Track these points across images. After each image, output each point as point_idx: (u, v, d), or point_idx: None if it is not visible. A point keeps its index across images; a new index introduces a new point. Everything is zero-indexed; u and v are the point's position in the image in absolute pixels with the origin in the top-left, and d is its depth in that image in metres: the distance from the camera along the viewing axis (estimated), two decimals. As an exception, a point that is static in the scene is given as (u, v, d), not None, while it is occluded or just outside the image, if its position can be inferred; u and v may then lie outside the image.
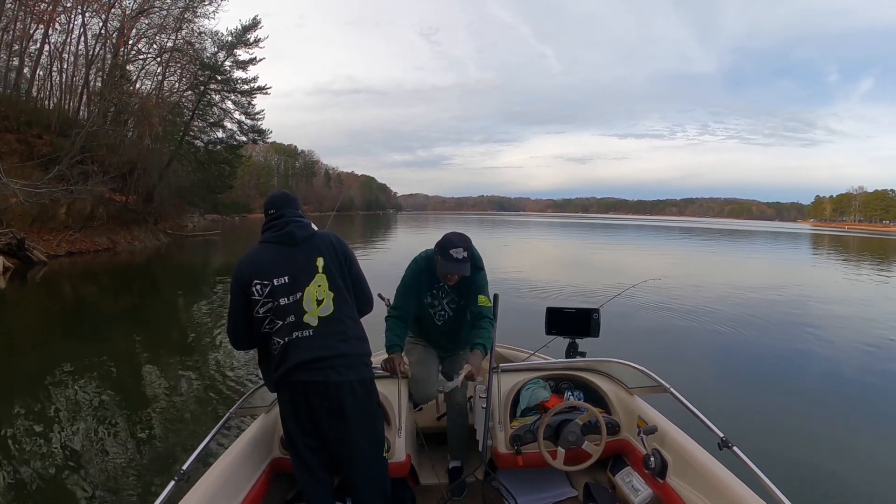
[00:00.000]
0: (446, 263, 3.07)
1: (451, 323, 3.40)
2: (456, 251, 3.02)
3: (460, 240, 3.09)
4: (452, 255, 3.02)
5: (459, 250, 3.03)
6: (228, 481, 2.46)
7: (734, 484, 2.27)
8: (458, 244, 3.05)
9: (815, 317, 12.05)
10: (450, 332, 3.46)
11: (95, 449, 4.80)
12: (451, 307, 3.37)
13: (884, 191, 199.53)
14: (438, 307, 3.37)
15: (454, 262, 3.04)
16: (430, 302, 3.37)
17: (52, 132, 25.28)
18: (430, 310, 3.38)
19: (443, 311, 3.38)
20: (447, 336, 3.48)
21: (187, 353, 8.39)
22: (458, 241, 3.07)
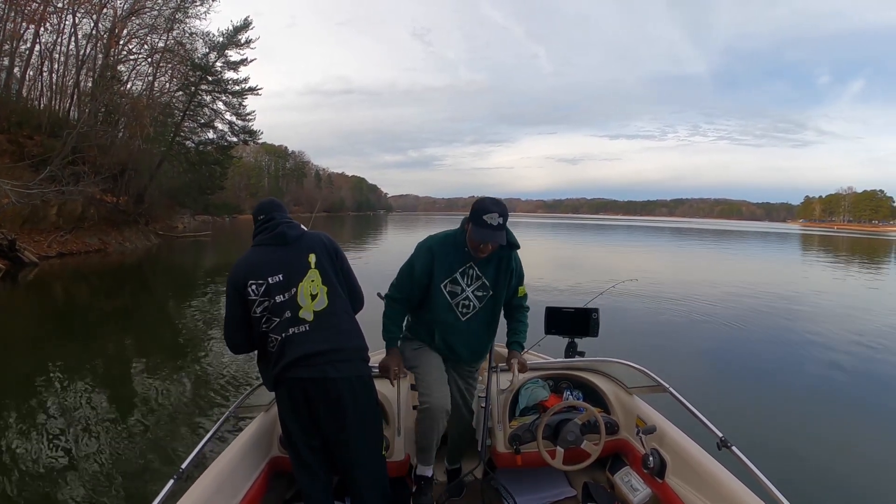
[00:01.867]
0: (479, 231, 2.63)
1: (477, 322, 2.88)
2: (490, 217, 2.60)
3: (495, 204, 2.65)
4: (486, 222, 2.60)
5: (494, 216, 2.60)
6: (227, 480, 2.47)
7: (733, 484, 2.29)
8: (493, 209, 2.61)
9: (810, 316, 12.16)
10: (474, 336, 2.92)
11: (92, 449, 4.80)
12: (478, 297, 2.84)
13: (873, 191, 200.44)
14: (462, 296, 2.83)
15: (489, 230, 2.61)
16: (451, 290, 2.82)
17: (43, 133, 25.02)
18: (452, 299, 2.83)
19: (468, 301, 2.84)
20: (470, 341, 2.93)
21: (181, 353, 8.40)
22: (493, 206, 2.63)
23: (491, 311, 2.91)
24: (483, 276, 2.83)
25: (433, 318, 2.89)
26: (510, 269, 2.88)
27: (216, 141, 37.56)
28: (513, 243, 2.83)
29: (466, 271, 2.81)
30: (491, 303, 2.88)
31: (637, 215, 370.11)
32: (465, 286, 2.83)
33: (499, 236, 2.63)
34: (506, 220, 2.66)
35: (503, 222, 2.64)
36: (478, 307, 2.86)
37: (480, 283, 2.83)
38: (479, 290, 2.84)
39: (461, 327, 2.87)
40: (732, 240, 52.18)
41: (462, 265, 2.81)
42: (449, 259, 2.81)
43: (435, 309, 2.86)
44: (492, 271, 2.84)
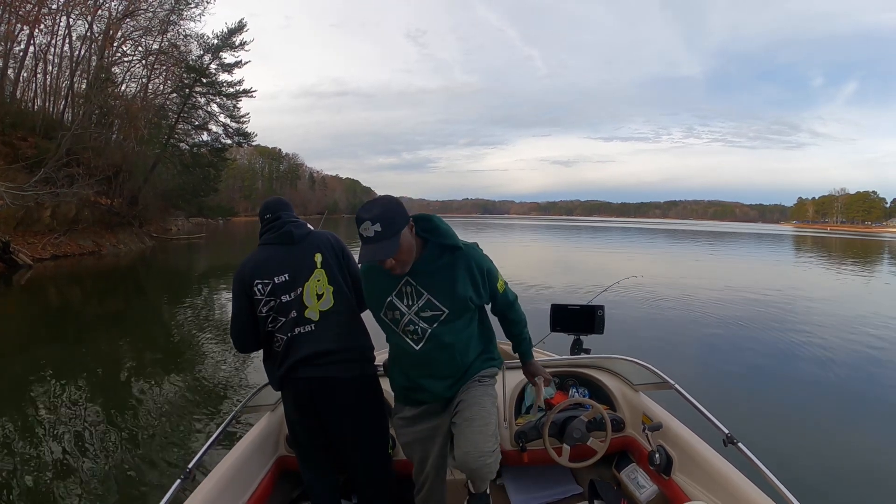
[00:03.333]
0: (361, 251, 2.04)
1: (438, 347, 2.24)
2: (363, 228, 1.98)
3: (367, 209, 2.01)
4: (362, 235, 2.00)
5: (367, 225, 1.97)
6: (234, 479, 2.47)
7: (739, 480, 2.28)
8: (364, 215, 1.98)
9: (812, 315, 12.17)
10: (441, 365, 2.29)
11: (96, 450, 4.78)
12: (426, 318, 2.21)
13: (865, 192, 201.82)
14: (405, 321, 2.23)
15: (365, 246, 2.01)
16: (392, 317, 2.26)
17: (37, 135, 24.94)
18: (396, 326, 2.27)
19: (413, 326, 2.23)
20: (438, 371, 2.31)
21: (180, 354, 8.39)
22: (364, 212, 2.00)
23: (456, 331, 2.26)
24: (426, 291, 2.20)
25: (392, 352, 2.44)
26: (462, 276, 2.21)
27: (210, 143, 37.60)
28: (447, 244, 2.21)
29: (403, 290, 2.21)
30: (446, 324, 2.23)
31: (631, 217, 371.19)
32: (406, 308, 2.22)
33: (378, 251, 1.97)
34: (389, 226, 1.98)
35: (382, 230, 1.96)
36: (429, 330, 2.22)
37: (426, 301, 2.19)
38: (426, 308, 2.20)
39: (419, 357, 2.27)
40: (727, 241, 52.28)
41: (395, 285, 2.21)
42: (379, 282, 2.25)
43: (389, 341, 2.40)
44: (437, 283, 2.20)
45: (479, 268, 2.26)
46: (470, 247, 2.28)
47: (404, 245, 2.03)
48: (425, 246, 2.20)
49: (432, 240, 2.21)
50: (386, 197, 2.11)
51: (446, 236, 2.21)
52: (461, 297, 2.22)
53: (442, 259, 2.21)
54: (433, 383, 2.34)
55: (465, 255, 2.24)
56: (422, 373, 2.33)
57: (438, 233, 2.21)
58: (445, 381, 2.34)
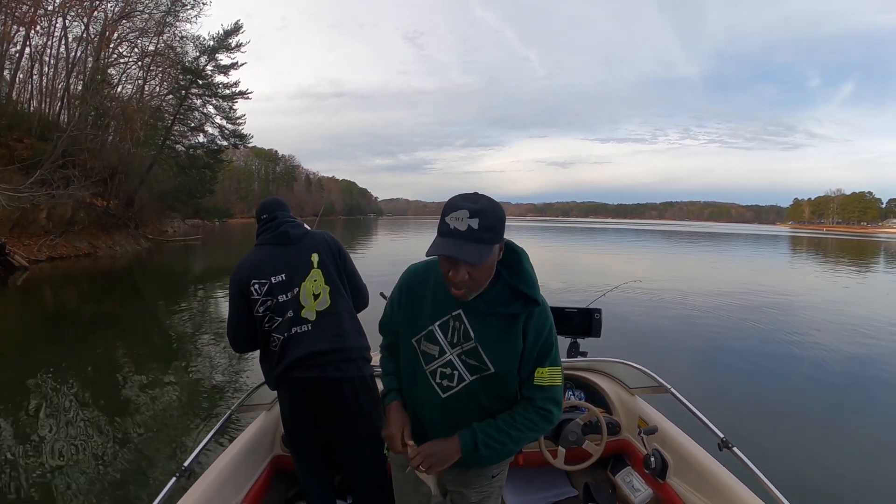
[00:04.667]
0: (438, 242, 1.56)
1: (466, 404, 1.76)
2: (455, 217, 1.53)
3: (467, 199, 1.56)
4: (448, 226, 1.54)
5: (462, 214, 1.52)
6: (229, 479, 2.48)
7: (734, 484, 2.30)
8: (462, 204, 1.54)
9: (809, 318, 12.21)
10: (454, 421, 1.77)
11: (92, 450, 4.78)
12: (468, 366, 1.73)
13: (861, 193, 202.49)
14: (441, 361, 1.75)
15: (450, 239, 1.54)
16: (425, 349, 1.79)
17: (33, 136, 24.84)
18: (427, 364, 1.78)
19: (450, 370, 1.75)
20: (445, 427, 1.78)
21: (175, 355, 8.38)
22: (463, 201, 1.55)
23: (490, 393, 1.76)
24: (475, 337, 1.70)
25: (406, 385, 1.91)
26: (523, 339, 1.70)
27: (206, 145, 37.62)
28: (524, 293, 1.68)
29: (449, 323, 1.73)
30: (489, 383, 1.74)
31: (627, 218, 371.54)
32: (447, 346, 1.73)
33: (465, 249, 1.51)
34: (489, 229, 1.53)
35: (479, 229, 1.51)
36: (466, 381, 1.74)
37: (472, 348, 1.71)
38: (470, 356, 1.72)
39: (441, 407, 1.78)
40: (724, 243, 52.40)
41: (445, 313, 1.74)
42: (426, 300, 1.79)
43: (407, 374, 1.89)
44: (492, 332, 1.70)
45: (538, 334, 1.70)
46: (547, 309, 1.74)
47: (488, 263, 1.57)
48: (496, 282, 1.68)
49: (509, 279, 1.68)
50: (494, 200, 1.60)
51: (529, 283, 1.69)
52: (513, 360, 1.70)
53: (510, 307, 1.67)
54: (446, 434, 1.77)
55: (539, 315, 1.70)
56: (435, 427, 1.81)
57: (520, 273, 1.69)
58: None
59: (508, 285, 1.68)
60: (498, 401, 1.76)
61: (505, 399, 1.77)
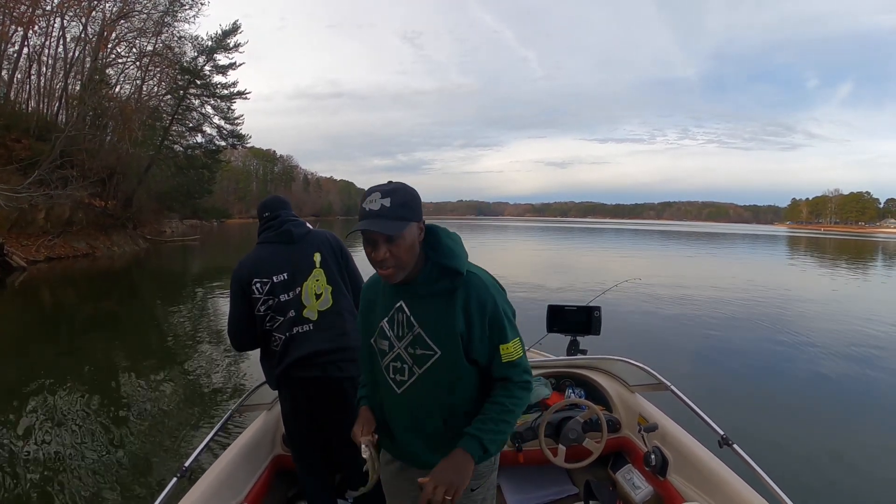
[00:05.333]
0: (356, 225, 1.59)
1: (422, 397, 1.71)
2: (370, 199, 1.56)
3: (382, 185, 1.60)
4: (363, 209, 1.57)
5: (375, 197, 1.54)
6: (230, 478, 2.47)
7: (734, 481, 2.30)
8: (376, 189, 1.58)
9: (808, 316, 12.27)
10: (422, 421, 1.74)
11: (92, 450, 4.78)
12: (414, 356, 1.69)
13: (859, 193, 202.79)
14: (392, 355, 1.73)
15: (363, 220, 1.55)
16: (381, 347, 1.76)
17: (31, 136, 24.91)
18: (382, 359, 1.76)
19: (399, 363, 1.72)
20: (417, 426, 1.76)
21: (175, 355, 8.40)
22: (377, 187, 1.58)
23: (449, 381, 1.69)
24: (417, 324, 1.67)
25: (371, 387, 1.90)
26: (458, 313, 1.63)
27: (204, 145, 37.67)
28: (448, 266, 1.64)
29: (395, 317, 1.71)
30: (439, 370, 1.67)
31: (625, 218, 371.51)
32: (395, 340, 1.71)
33: (376, 224, 1.52)
34: (400, 206, 1.55)
35: (391, 206, 1.53)
36: (417, 374, 1.69)
37: (416, 335, 1.67)
38: (416, 345, 1.68)
39: (399, 403, 1.75)
40: (722, 243, 52.39)
41: (390, 308, 1.72)
42: (376, 301, 1.78)
43: (370, 375, 1.88)
44: (431, 314, 1.66)
45: (482, 308, 1.63)
46: (477, 275, 1.68)
47: (407, 240, 1.56)
48: (425, 263, 1.66)
49: (433, 257, 1.65)
50: (406, 183, 1.63)
51: (450, 255, 1.64)
52: (455, 337, 1.62)
53: (440, 283, 1.65)
54: (411, 440, 1.77)
55: (477, 289, 1.64)
56: (399, 424, 1.78)
57: (440, 248, 1.65)
58: (426, 442, 1.75)
59: (435, 264, 1.65)
60: (449, 388, 1.68)
61: (457, 385, 1.69)
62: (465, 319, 1.63)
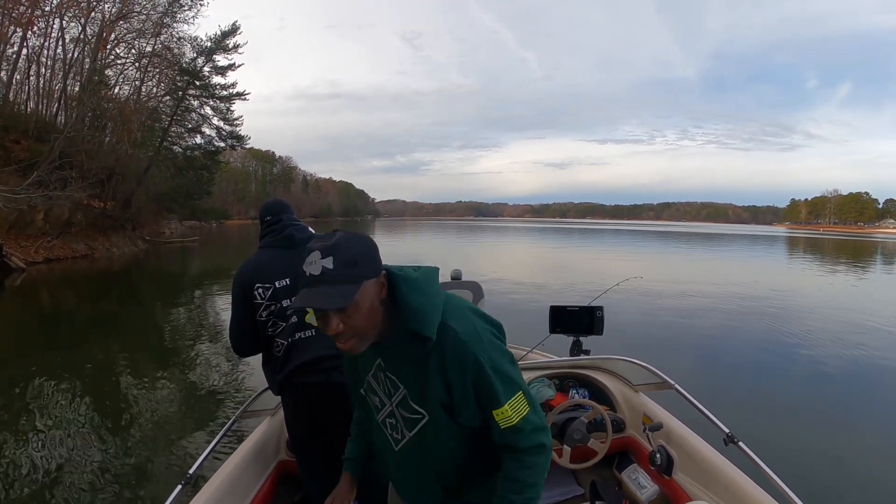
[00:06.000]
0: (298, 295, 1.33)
1: (416, 458, 1.55)
2: (309, 261, 1.30)
3: (323, 236, 1.35)
4: (304, 274, 1.31)
5: (313, 256, 1.29)
6: (235, 484, 2.46)
7: (740, 479, 2.28)
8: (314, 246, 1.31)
9: (811, 315, 12.28)
10: (418, 481, 1.61)
11: (95, 456, 4.75)
12: (407, 419, 1.50)
13: (858, 193, 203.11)
14: (386, 411, 1.55)
15: (303, 291, 1.31)
16: (371, 400, 1.61)
17: (30, 137, 24.95)
18: (376, 414, 1.60)
19: (394, 420, 1.55)
20: (413, 484, 1.64)
21: (176, 359, 8.36)
22: (315, 243, 1.33)
23: (440, 447, 1.51)
24: (402, 384, 1.48)
25: (368, 433, 1.79)
26: (436, 378, 1.41)
27: (203, 146, 37.68)
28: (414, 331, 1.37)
29: (378, 373, 1.53)
30: (433, 433, 1.48)
31: (624, 219, 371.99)
32: (385, 396, 1.54)
33: (316, 297, 1.27)
34: (346, 266, 1.27)
35: (334, 268, 1.26)
36: (409, 436, 1.52)
37: (403, 397, 1.49)
38: (403, 406, 1.50)
39: (398, 460, 1.60)
40: (721, 244, 52.42)
41: (372, 363, 1.54)
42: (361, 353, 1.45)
43: (366, 423, 1.79)
44: (411, 376, 1.46)
45: (461, 372, 1.39)
46: (453, 331, 1.38)
47: (363, 305, 1.29)
48: (394, 320, 1.40)
49: (400, 319, 1.39)
50: (355, 233, 1.36)
51: (414, 316, 1.36)
52: (436, 403, 1.43)
53: (410, 347, 1.40)
54: (413, 495, 1.68)
55: (453, 353, 1.38)
56: (400, 476, 1.67)
57: (402, 306, 1.37)
58: (428, 499, 1.63)
59: (401, 325, 1.38)
60: (449, 458, 1.52)
61: (458, 454, 1.52)
62: (445, 385, 1.40)
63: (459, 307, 1.47)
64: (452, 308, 1.44)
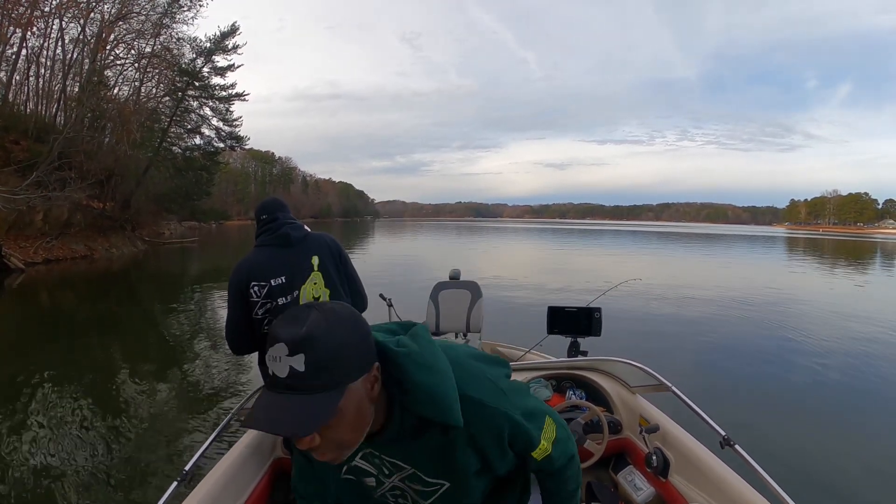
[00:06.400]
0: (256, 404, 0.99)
1: None
2: (273, 354, 0.96)
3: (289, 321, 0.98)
4: (267, 371, 0.99)
5: (278, 350, 0.95)
6: (231, 482, 2.44)
7: (736, 482, 2.28)
8: (280, 333, 0.96)
9: (809, 317, 12.24)
10: None
11: (91, 455, 4.75)
12: (416, 491, 1.30)
13: (857, 194, 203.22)
14: (387, 487, 1.32)
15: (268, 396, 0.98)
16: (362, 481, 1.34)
17: (30, 138, 24.90)
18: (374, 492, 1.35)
19: (400, 491, 1.31)
20: None
21: (173, 358, 8.36)
22: (283, 326, 0.97)
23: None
24: (408, 464, 1.25)
25: None
26: (466, 453, 1.20)
27: (203, 147, 37.63)
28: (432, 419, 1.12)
29: (369, 458, 1.28)
30: (456, 497, 1.28)
31: (623, 220, 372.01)
32: (383, 476, 1.30)
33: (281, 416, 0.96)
34: (320, 361, 0.95)
35: (305, 367, 0.95)
36: (424, 502, 1.31)
37: (411, 473, 1.26)
38: (413, 480, 1.27)
39: None
40: (721, 244, 52.40)
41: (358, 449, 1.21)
42: None
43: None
44: (422, 457, 1.23)
45: (498, 439, 1.20)
46: (479, 403, 1.17)
47: (347, 413, 1.00)
48: (392, 409, 1.13)
49: (403, 405, 1.12)
50: (333, 305, 1.02)
51: (428, 400, 1.09)
52: (466, 473, 1.23)
53: (424, 439, 1.17)
54: None
55: (483, 427, 1.17)
56: None
57: (413, 392, 1.09)
58: None
59: (408, 412, 1.12)
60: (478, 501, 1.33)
61: (485, 495, 1.35)
62: (478, 456, 1.21)
63: (463, 364, 1.21)
64: (457, 367, 1.17)
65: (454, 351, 1.24)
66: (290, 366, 0.94)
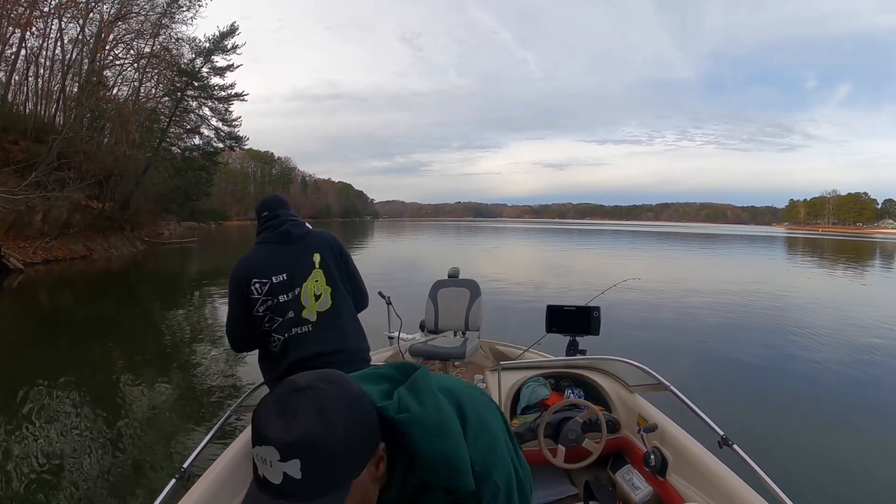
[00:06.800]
0: None
1: None
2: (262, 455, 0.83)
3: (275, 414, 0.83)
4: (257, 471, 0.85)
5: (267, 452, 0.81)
6: (229, 479, 2.43)
7: (734, 481, 2.29)
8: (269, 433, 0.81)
9: (808, 316, 12.25)
10: None
11: (90, 452, 4.74)
12: None
13: (857, 193, 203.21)
14: None
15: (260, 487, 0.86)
16: None
17: (29, 138, 24.90)
18: None
19: None
20: None
21: (172, 357, 8.38)
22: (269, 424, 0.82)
23: None
24: None
25: None
26: None
27: (202, 147, 37.64)
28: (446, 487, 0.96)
29: None
30: None
31: (623, 220, 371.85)
32: None
33: None
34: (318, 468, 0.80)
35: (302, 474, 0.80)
36: None
37: None
38: None
39: None
40: (720, 244, 52.40)
41: None
42: None
43: None
44: None
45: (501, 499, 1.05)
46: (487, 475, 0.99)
47: None
48: (391, 472, 0.98)
49: (414, 471, 0.98)
50: (325, 389, 0.90)
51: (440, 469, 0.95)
52: None
53: (425, 500, 1.00)
54: None
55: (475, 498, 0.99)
56: None
57: (422, 462, 0.95)
58: None
59: (413, 474, 0.98)
60: None
61: None
62: None
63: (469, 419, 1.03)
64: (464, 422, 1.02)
65: (459, 397, 1.06)
66: (284, 473, 0.81)
